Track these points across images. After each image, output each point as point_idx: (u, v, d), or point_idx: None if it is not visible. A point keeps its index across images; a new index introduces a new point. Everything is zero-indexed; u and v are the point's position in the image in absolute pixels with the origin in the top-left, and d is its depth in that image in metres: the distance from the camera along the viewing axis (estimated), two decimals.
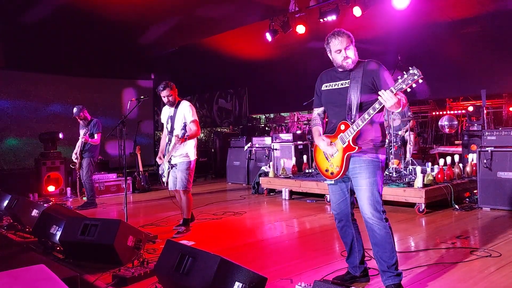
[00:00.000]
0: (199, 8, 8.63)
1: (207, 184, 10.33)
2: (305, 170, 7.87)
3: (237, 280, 2.54)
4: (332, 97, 3.06)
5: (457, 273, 3.30)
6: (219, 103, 14.37)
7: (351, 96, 2.90)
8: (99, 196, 8.19)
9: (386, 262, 2.88)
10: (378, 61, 2.98)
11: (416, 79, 2.59)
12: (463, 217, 5.37)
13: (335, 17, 8.01)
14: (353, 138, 2.87)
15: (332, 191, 3.14)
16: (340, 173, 2.94)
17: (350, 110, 2.90)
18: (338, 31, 2.99)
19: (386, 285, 2.89)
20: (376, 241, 2.90)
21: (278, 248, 4.31)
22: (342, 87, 2.99)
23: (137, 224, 5.02)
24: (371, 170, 2.89)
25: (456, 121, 8.72)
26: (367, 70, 2.93)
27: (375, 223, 2.88)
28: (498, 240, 4.18)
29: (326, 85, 3.12)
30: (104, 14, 8.71)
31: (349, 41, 2.95)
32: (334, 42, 2.97)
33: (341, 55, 2.96)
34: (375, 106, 2.76)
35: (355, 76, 2.93)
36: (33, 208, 5.19)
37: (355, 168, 2.94)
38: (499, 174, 5.58)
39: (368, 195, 2.88)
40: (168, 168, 4.94)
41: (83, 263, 3.77)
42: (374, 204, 2.87)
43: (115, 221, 3.77)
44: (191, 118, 4.89)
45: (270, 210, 6.55)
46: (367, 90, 2.89)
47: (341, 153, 2.93)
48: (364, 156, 2.91)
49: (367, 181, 2.89)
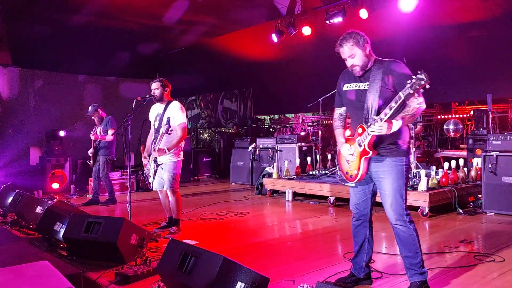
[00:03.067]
0: (205, 8, 8.64)
1: (211, 184, 10.35)
2: (309, 171, 7.86)
3: (240, 280, 2.55)
4: (352, 99, 3.04)
5: (460, 278, 3.28)
6: (224, 104, 14.39)
7: (369, 99, 2.88)
8: (103, 194, 8.21)
9: (410, 261, 2.95)
10: (399, 61, 2.91)
11: (423, 84, 2.55)
12: (467, 221, 5.35)
13: (341, 19, 8.00)
14: (369, 142, 2.85)
15: (353, 191, 3.16)
16: (358, 176, 2.96)
17: (368, 113, 2.88)
18: (342, 39, 2.95)
19: (411, 282, 2.95)
20: (401, 241, 2.97)
21: (281, 249, 4.31)
22: (361, 89, 2.97)
23: (141, 222, 5.03)
24: (394, 174, 2.89)
25: (461, 125, 8.69)
26: (386, 71, 2.87)
27: (399, 226, 2.93)
28: (502, 245, 4.16)
29: (347, 86, 3.09)
30: (107, 13, 8.73)
31: (353, 48, 2.90)
32: (339, 50, 2.98)
33: (348, 63, 2.97)
34: (392, 105, 2.69)
35: (374, 78, 2.89)
36: (37, 205, 5.21)
37: (378, 172, 2.95)
38: (504, 179, 5.55)
39: (392, 200, 2.91)
40: (154, 167, 4.85)
41: (86, 261, 3.78)
42: (397, 209, 2.90)
43: (119, 219, 3.78)
44: (180, 121, 4.80)
45: (273, 211, 6.55)
46: (386, 92, 2.85)
47: (358, 157, 2.94)
48: (387, 159, 2.91)
49: (390, 187, 2.90)
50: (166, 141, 4.72)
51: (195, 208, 6.58)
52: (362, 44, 2.91)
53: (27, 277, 2.71)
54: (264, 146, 9.24)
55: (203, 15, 9.08)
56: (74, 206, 6.01)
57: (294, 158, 8.42)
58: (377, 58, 2.99)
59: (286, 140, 8.93)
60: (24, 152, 9.96)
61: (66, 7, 8.32)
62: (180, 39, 10.87)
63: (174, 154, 4.84)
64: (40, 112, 10.66)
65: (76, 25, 9.21)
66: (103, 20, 9.03)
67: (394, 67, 2.87)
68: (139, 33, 10.09)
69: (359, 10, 7.68)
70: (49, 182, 8.83)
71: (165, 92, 4.95)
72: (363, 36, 2.93)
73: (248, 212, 6.31)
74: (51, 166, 8.92)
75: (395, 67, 2.87)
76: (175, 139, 4.76)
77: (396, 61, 2.91)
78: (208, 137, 15.32)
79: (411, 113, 2.78)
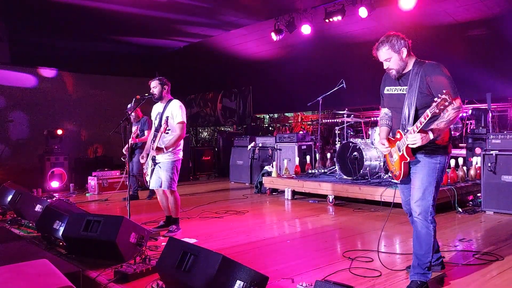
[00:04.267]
0: (204, 7, 8.63)
1: (210, 183, 10.35)
2: (308, 170, 7.87)
3: (239, 279, 2.55)
4: (392, 102, 3.10)
5: (459, 276, 3.28)
6: (223, 102, 14.38)
7: (407, 104, 2.90)
8: (103, 192, 8.23)
9: (418, 259, 2.99)
10: (437, 63, 2.90)
11: (447, 105, 2.55)
12: (466, 220, 5.36)
13: (340, 17, 8.00)
14: (407, 148, 2.89)
15: (401, 190, 3.26)
16: (401, 176, 3.04)
17: (405, 119, 2.92)
18: (379, 42, 2.97)
19: (411, 280, 2.97)
20: (417, 237, 3.02)
21: (280, 248, 4.31)
22: (400, 93, 3.00)
23: (140, 221, 5.03)
24: (426, 171, 2.94)
25: (460, 123, 8.69)
26: (423, 75, 2.87)
27: (419, 221, 2.99)
28: (501, 244, 4.16)
29: (388, 89, 3.13)
30: (107, 10, 8.72)
31: (389, 52, 2.92)
32: (376, 54, 3.00)
33: (384, 66, 3.01)
34: (421, 120, 2.72)
35: (412, 82, 2.90)
36: (37, 203, 5.21)
37: (413, 168, 3.02)
38: (503, 178, 5.55)
39: (419, 195, 2.96)
40: (152, 166, 4.83)
41: (86, 259, 3.78)
42: (422, 205, 2.96)
43: (118, 217, 3.78)
44: (179, 119, 4.78)
45: (273, 210, 6.55)
46: (423, 97, 2.86)
47: (398, 159, 3.01)
48: (423, 156, 2.95)
49: (420, 183, 2.96)
50: (166, 139, 4.72)
51: (194, 206, 6.58)
52: (398, 48, 2.92)
53: (26, 275, 2.71)
54: (264, 145, 9.24)
55: (203, 13, 9.07)
56: (74, 204, 6.01)
57: (294, 157, 8.42)
58: (418, 59, 2.99)
59: (285, 139, 8.93)
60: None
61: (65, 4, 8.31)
62: (180, 37, 10.87)
63: (173, 153, 4.82)
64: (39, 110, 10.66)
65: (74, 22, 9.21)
66: (102, 17, 9.01)
67: (431, 72, 2.86)
68: (138, 31, 10.08)
69: (359, 9, 7.68)
70: (49, 180, 8.83)
71: (164, 90, 4.93)
72: (402, 40, 2.93)
73: (248, 210, 6.31)
74: (50, 165, 8.91)
75: (433, 72, 2.86)
76: (173, 138, 4.76)
77: (434, 65, 2.90)
78: (207, 136, 15.32)
79: (447, 120, 2.78)
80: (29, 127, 10.33)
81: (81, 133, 10.65)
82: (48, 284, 2.57)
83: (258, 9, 8.84)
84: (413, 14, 7.46)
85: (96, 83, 11.55)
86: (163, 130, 4.54)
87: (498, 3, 7.42)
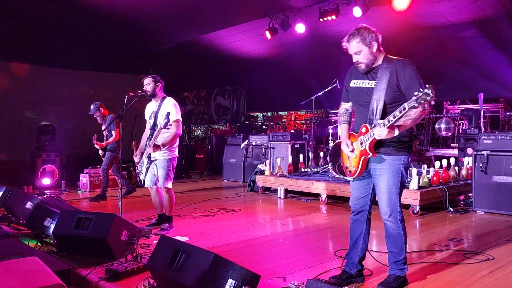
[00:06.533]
0: (198, 4, 8.60)
1: (203, 181, 10.33)
2: (301, 169, 7.87)
3: (230, 277, 2.54)
4: (358, 96, 3.03)
5: (450, 276, 3.31)
6: (217, 100, 14.36)
7: (375, 98, 2.86)
8: (94, 190, 8.18)
9: (394, 257, 3.04)
10: (407, 60, 2.89)
11: (428, 100, 2.52)
12: (457, 219, 5.39)
13: (334, 17, 8.02)
14: (371, 144, 2.86)
15: (353, 188, 3.18)
16: (356, 173, 3.00)
17: (373, 113, 2.87)
18: (350, 34, 2.92)
19: (389, 274, 3.04)
20: (389, 237, 3.05)
21: (272, 246, 4.31)
22: (368, 87, 2.94)
23: (131, 218, 5.00)
24: (391, 172, 2.92)
25: (453, 124, 8.74)
26: (393, 70, 2.85)
27: (390, 223, 3.00)
28: (492, 243, 4.19)
29: (354, 82, 3.07)
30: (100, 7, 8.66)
31: (359, 45, 2.87)
32: (346, 46, 2.96)
33: (354, 59, 2.96)
34: (396, 113, 2.68)
35: (381, 77, 2.86)
36: (28, 200, 5.16)
37: (376, 169, 2.98)
38: (494, 178, 5.60)
39: (387, 198, 2.95)
40: (147, 164, 4.81)
41: (76, 257, 3.75)
42: (390, 206, 2.95)
43: (109, 215, 3.76)
44: (174, 117, 4.75)
45: (265, 208, 6.55)
46: (392, 92, 2.84)
47: (358, 155, 2.96)
48: (386, 157, 2.93)
49: (386, 184, 2.94)
50: (162, 137, 4.70)
51: (186, 205, 6.56)
52: (369, 42, 2.87)
53: (16, 272, 2.68)
54: (257, 143, 9.24)
55: (197, 11, 9.03)
56: (65, 201, 5.97)
57: (287, 156, 8.42)
58: (387, 55, 2.97)
59: (278, 138, 8.93)
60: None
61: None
62: (173, 34, 10.81)
63: (169, 151, 4.81)
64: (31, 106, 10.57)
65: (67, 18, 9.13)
66: (95, 13, 8.94)
67: (402, 68, 2.84)
68: (131, 27, 10.01)
69: (353, 8, 7.70)
70: (40, 177, 8.76)
71: (157, 88, 4.91)
72: (372, 33, 2.88)
73: (240, 209, 6.31)
74: (41, 161, 8.84)
75: (403, 69, 2.84)
76: (170, 135, 4.74)
77: (405, 62, 2.89)
78: (200, 134, 15.30)
79: (413, 118, 2.78)
80: (20, 123, 10.24)
81: (74, 130, 10.56)
82: (38, 282, 2.55)
83: (252, 7, 8.82)
84: (407, 14, 7.49)
85: (89, 80, 11.47)
86: (164, 125, 4.52)
87: (490, 5, 7.47)
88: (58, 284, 2.57)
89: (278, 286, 3.08)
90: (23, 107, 10.36)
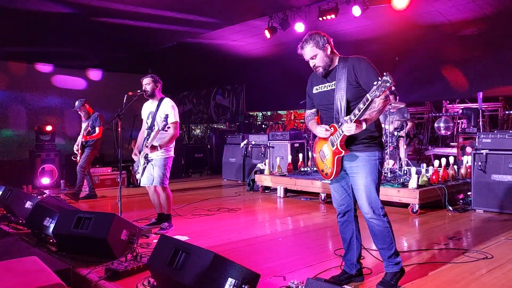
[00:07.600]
0: (198, 3, 8.59)
1: (203, 180, 10.33)
2: (301, 168, 7.88)
3: (230, 276, 2.55)
4: (322, 100, 3.08)
5: (449, 274, 3.31)
6: (216, 100, 14.35)
7: (337, 98, 2.92)
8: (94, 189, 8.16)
9: (385, 252, 3.03)
10: (361, 56, 2.96)
11: (388, 86, 2.56)
12: (456, 218, 5.40)
13: (334, 16, 8.01)
14: (341, 141, 2.87)
15: (334, 189, 3.20)
16: (333, 174, 3.00)
17: (338, 112, 2.91)
18: (303, 41, 3.00)
19: (386, 272, 3.03)
20: (375, 235, 3.03)
21: (272, 246, 4.32)
22: (329, 89, 3.01)
23: (131, 218, 5.01)
24: (367, 169, 2.93)
25: (452, 123, 8.75)
26: (350, 68, 2.91)
27: (373, 220, 2.98)
28: (491, 242, 4.20)
29: (316, 88, 3.14)
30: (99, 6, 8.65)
31: (314, 50, 2.95)
32: (301, 52, 3.04)
33: (311, 64, 3.03)
34: (360, 106, 2.73)
35: (339, 77, 2.93)
36: (27, 200, 5.16)
37: (352, 168, 2.98)
38: (493, 177, 5.60)
39: (366, 195, 2.94)
40: (144, 164, 4.81)
41: (76, 256, 3.75)
42: (372, 203, 2.95)
43: (109, 214, 3.75)
44: (172, 119, 4.75)
45: (265, 207, 6.56)
46: (352, 90, 2.89)
47: (331, 155, 2.97)
48: (360, 154, 2.94)
49: (364, 181, 2.94)
50: (159, 138, 4.70)
51: (186, 204, 6.57)
52: (322, 45, 2.96)
53: (16, 272, 2.68)
54: (256, 143, 9.24)
55: (196, 10, 9.03)
56: (64, 201, 5.97)
57: (286, 155, 8.43)
58: (342, 56, 3.04)
59: (278, 137, 8.94)
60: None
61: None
62: (173, 34, 10.80)
63: (166, 150, 4.82)
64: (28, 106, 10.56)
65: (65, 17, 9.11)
66: (93, 12, 8.93)
67: (358, 64, 2.91)
68: (131, 27, 10.01)
69: (352, 7, 7.69)
70: (39, 177, 8.75)
71: (156, 88, 4.91)
72: (324, 37, 2.98)
73: (240, 208, 6.31)
74: (41, 161, 8.83)
75: (359, 64, 2.91)
76: (167, 137, 4.74)
77: (360, 58, 2.95)
78: (200, 133, 15.30)
79: (378, 109, 2.82)
80: (20, 123, 10.23)
81: (73, 129, 10.56)
82: (37, 282, 2.55)
83: (252, 6, 8.81)
84: (406, 13, 7.49)
85: (88, 79, 11.47)
86: (162, 127, 4.52)
87: (490, 3, 7.47)
88: (58, 283, 2.57)
89: (277, 285, 3.08)
90: (23, 107, 10.35)
